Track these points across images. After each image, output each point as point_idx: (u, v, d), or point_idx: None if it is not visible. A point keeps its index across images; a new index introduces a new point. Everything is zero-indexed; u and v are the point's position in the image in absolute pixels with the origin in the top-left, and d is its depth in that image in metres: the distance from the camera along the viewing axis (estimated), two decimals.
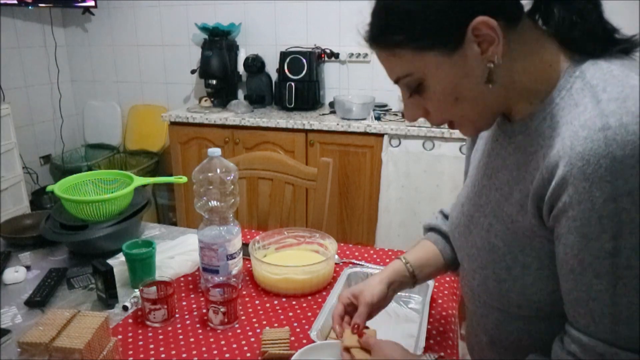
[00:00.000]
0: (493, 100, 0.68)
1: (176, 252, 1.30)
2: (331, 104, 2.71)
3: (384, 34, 0.67)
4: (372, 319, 0.92)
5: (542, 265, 0.68)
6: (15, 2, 2.87)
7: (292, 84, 2.69)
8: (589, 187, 0.56)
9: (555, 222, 0.62)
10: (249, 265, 1.25)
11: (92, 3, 3.14)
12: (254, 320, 1.07)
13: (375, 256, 1.35)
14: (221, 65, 2.80)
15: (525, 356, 0.73)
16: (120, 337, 1.01)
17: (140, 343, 1.00)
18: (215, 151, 1.14)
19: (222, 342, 1.00)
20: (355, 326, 0.85)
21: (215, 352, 0.97)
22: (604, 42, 0.65)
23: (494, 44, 0.63)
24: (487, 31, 0.62)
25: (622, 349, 0.58)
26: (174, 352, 0.97)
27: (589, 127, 0.57)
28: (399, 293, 1.11)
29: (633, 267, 0.56)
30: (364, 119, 2.49)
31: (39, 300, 1.12)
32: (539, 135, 0.67)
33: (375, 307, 0.90)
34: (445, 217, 1.02)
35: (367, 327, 0.88)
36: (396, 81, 0.71)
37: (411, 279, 0.95)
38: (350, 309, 0.90)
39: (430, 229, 1.03)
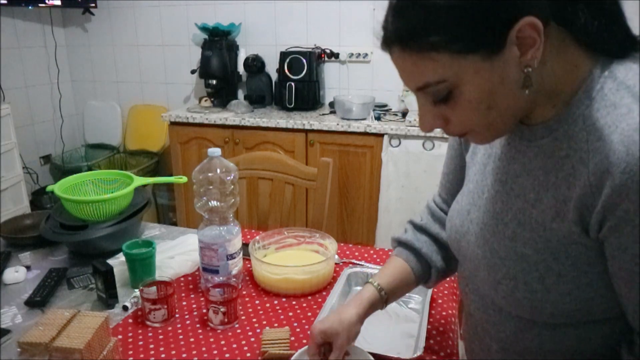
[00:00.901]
0: (522, 105, 0.64)
1: (176, 252, 1.30)
2: (331, 104, 2.71)
3: (418, 35, 0.59)
4: (372, 319, 0.92)
5: (578, 272, 0.65)
6: (5, 2, 2.86)
7: (292, 84, 2.69)
8: None
9: (615, 231, 0.59)
10: (249, 265, 1.25)
11: (92, 3, 3.14)
12: (254, 320, 1.07)
13: (375, 256, 1.35)
14: (221, 65, 2.80)
15: None
16: (120, 337, 1.01)
17: (140, 343, 1.00)
18: (215, 151, 1.14)
19: (222, 342, 1.00)
20: None
21: (215, 352, 0.97)
22: (629, 44, 0.63)
23: (534, 47, 0.58)
24: (530, 33, 0.57)
25: None
26: (174, 352, 0.97)
27: None
28: None
29: None
30: (364, 119, 2.49)
31: (39, 300, 1.12)
32: (570, 138, 0.64)
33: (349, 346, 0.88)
34: (417, 228, 0.98)
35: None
36: (422, 88, 0.63)
37: (383, 304, 0.92)
38: (321, 345, 0.86)
39: (399, 243, 0.98)
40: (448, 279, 1.22)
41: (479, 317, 0.83)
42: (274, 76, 2.88)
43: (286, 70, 2.71)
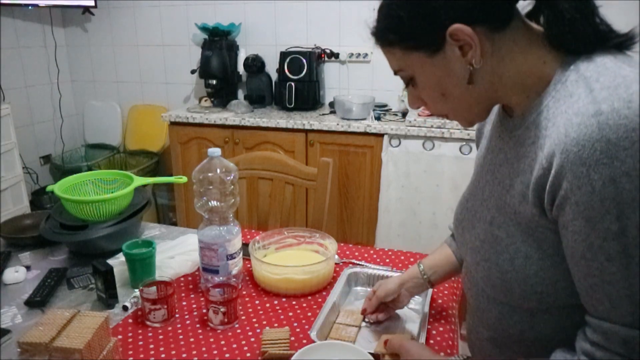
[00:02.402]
0: (479, 96, 0.73)
1: (176, 252, 1.30)
2: (331, 104, 2.71)
3: (382, 32, 0.74)
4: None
5: (544, 255, 0.69)
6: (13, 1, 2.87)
7: (292, 84, 2.69)
8: (586, 172, 0.58)
9: (560, 210, 0.63)
10: (249, 265, 1.25)
11: (92, 3, 3.14)
12: (254, 320, 1.07)
13: (375, 256, 1.35)
14: (221, 65, 2.80)
15: (527, 350, 0.74)
16: (120, 337, 1.01)
17: (140, 343, 1.00)
18: (215, 151, 1.14)
19: (222, 342, 1.00)
20: (363, 310, 1.05)
21: (215, 352, 0.97)
22: (596, 42, 0.67)
23: (472, 49, 0.67)
24: (464, 37, 0.66)
25: None
26: (174, 352, 0.97)
27: (582, 113, 0.60)
28: None
29: None
30: (364, 119, 2.49)
31: (39, 300, 1.12)
32: (536, 127, 0.69)
33: (390, 303, 1.05)
34: None
35: (380, 322, 1.06)
36: (395, 73, 0.78)
37: (425, 281, 1.04)
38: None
39: (452, 235, 1.08)
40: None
41: (473, 305, 0.87)
42: (274, 76, 2.88)
43: (286, 70, 2.70)
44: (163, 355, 0.96)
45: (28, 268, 1.27)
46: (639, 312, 0.58)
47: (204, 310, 1.09)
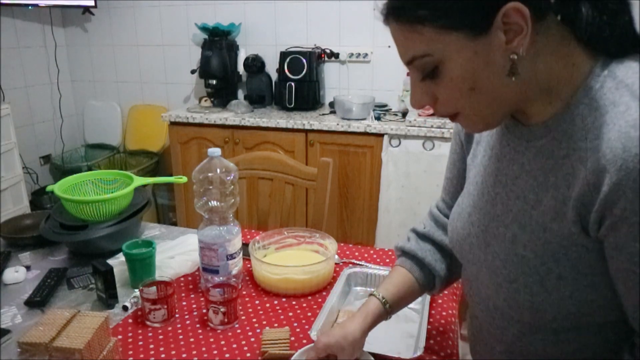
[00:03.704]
0: (509, 95, 0.64)
1: (176, 252, 1.30)
2: (331, 104, 2.71)
3: (408, 7, 0.61)
4: None
5: (579, 275, 0.64)
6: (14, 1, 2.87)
7: (292, 84, 2.69)
8: None
9: (612, 231, 0.59)
10: (249, 265, 1.25)
11: (92, 3, 3.14)
12: (254, 320, 1.07)
13: (375, 256, 1.35)
14: (221, 65, 2.80)
15: None
16: (120, 337, 1.01)
17: (140, 343, 1.00)
18: (215, 151, 1.14)
19: (222, 342, 1.00)
20: None
21: (215, 352, 0.97)
22: (632, 44, 0.63)
23: (521, 35, 0.59)
24: (517, 19, 0.58)
25: None
26: (174, 352, 0.97)
27: None
28: None
29: None
30: (364, 119, 2.49)
31: (39, 300, 1.12)
32: (569, 138, 0.63)
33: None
34: (419, 236, 0.98)
35: None
36: (410, 61, 0.65)
37: (387, 316, 0.91)
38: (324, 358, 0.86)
39: (403, 252, 0.98)
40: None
41: (483, 320, 0.82)
42: (274, 76, 2.88)
43: (286, 70, 2.70)
44: (163, 355, 0.96)
45: (28, 268, 1.27)
46: None
47: (204, 310, 1.09)
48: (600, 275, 0.64)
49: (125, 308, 1.10)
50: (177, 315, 1.09)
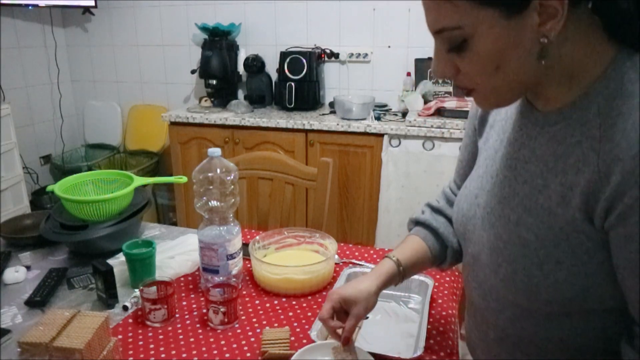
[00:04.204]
0: (532, 77, 0.65)
1: (176, 252, 1.30)
2: (331, 104, 2.71)
3: None
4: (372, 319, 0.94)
5: (578, 261, 0.65)
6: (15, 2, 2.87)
7: (292, 84, 2.69)
8: None
9: (621, 220, 0.59)
10: (249, 265, 1.25)
11: (92, 3, 3.14)
12: (254, 320, 1.07)
13: (375, 256, 1.35)
14: (221, 65, 2.80)
15: (536, 352, 0.71)
16: (120, 337, 1.01)
17: (140, 343, 1.00)
18: (215, 151, 1.14)
19: (222, 342, 1.00)
20: (345, 339, 0.85)
21: (215, 352, 0.97)
22: None
23: (555, 19, 0.59)
24: (553, 2, 0.58)
25: None
26: (174, 352, 0.97)
27: None
28: (399, 293, 1.12)
29: None
30: (364, 119, 2.49)
31: (39, 300, 1.12)
32: (583, 125, 0.64)
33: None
34: (434, 210, 1.01)
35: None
36: (439, 31, 0.64)
37: (400, 279, 0.94)
38: (337, 310, 0.88)
39: (417, 223, 1.00)
40: (449, 279, 1.23)
41: (479, 305, 0.84)
42: (274, 76, 2.88)
43: (286, 70, 2.71)
44: (163, 355, 0.96)
45: (28, 268, 1.27)
46: None
47: (204, 310, 1.09)
48: (597, 264, 0.65)
49: (125, 308, 1.10)
50: (177, 315, 1.09)
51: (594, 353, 0.70)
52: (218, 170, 1.12)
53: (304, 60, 2.68)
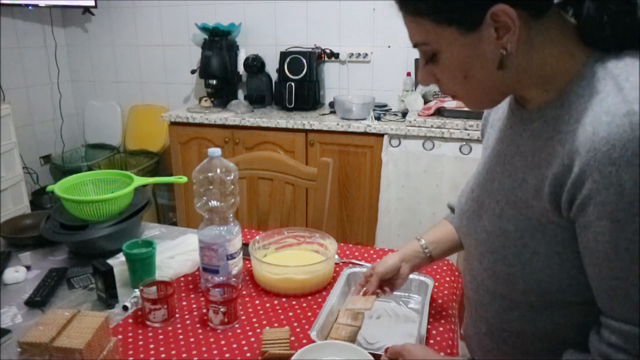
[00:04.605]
0: (502, 83, 0.70)
1: (176, 252, 1.30)
2: (331, 104, 2.71)
3: (411, 0, 0.68)
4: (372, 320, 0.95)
5: (552, 252, 0.68)
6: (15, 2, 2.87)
7: (292, 84, 2.69)
8: (616, 172, 0.57)
9: (581, 210, 0.62)
10: (249, 265, 1.25)
11: (92, 3, 3.14)
12: (254, 320, 1.07)
13: (375, 256, 1.35)
14: (221, 65, 2.80)
15: (523, 345, 0.74)
16: (120, 337, 1.01)
17: (140, 343, 1.00)
18: (215, 151, 1.14)
19: (222, 342, 1.00)
20: (364, 292, 1.03)
21: (215, 352, 0.97)
22: (630, 40, 0.65)
23: (509, 32, 0.64)
24: (505, 19, 0.63)
25: None
26: (174, 352, 0.97)
27: (613, 112, 0.58)
28: (399, 293, 1.12)
29: None
30: (364, 119, 2.49)
31: (39, 300, 1.12)
32: (555, 122, 0.67)
33: (390, 280, 1.04)
34: None
35: (381, 293, 1.05)
36: (415, 46, 0.72)
37: (426, 256, 1.04)
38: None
39: (451, 208, 1.08)
40: (449, 279, 1.23)
41: (472, 298, 0.87)
42: (274, 76, 2.88)
43: (286, 70, 2.70)
44: (163, 355, 0.96)
45: (28, 268, 1.27)
46: None
47: (204, 310, 1.09)
48: (571, 254, 0.67)
49: (125, 308, 1.10)
50: (177, 315, 1.09)
51: (579, 347, 0.71)
52: (218, 170, 1.12)
53: (304, 60, 2.67)
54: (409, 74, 2.70)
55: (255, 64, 2.84)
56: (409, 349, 0.85)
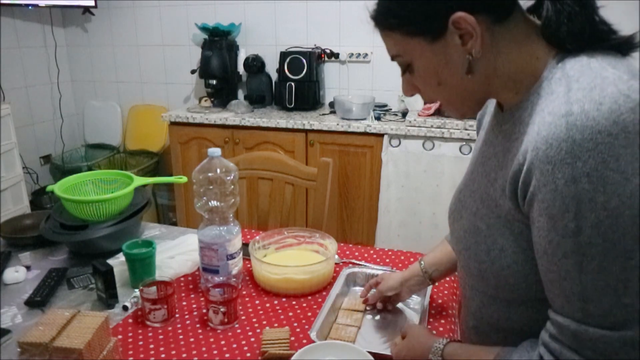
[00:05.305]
0: (474, 88, 0.73)
1: (176, 252, 1.30)
2: (331, 104, 2.71)
3: (382, 15, 0.74)
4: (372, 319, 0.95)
5: (519, 248, 0.71)
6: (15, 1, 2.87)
7: (292, 84, 2.69)
8: (551, 170, 0.59)
9: (529, 207, 0.65)
10: (249, 265, 1.25)
11: (92, 3, 3.14)
12: (254, 320, 1.07)
13: (375, 256, 1.35)
14: (221, 65, 2.80)
15: (505, 340, 0.76)
16: (120, 337, 1.01)
17: (140, 343, 1.00)
18: (215, 151, 1.14)
19: (222, 342, 1.00)
20: (365, 300, 1.11)
21: (215, 352, 0.97)
22: (591, 41, 0.67)
23: (472, 38, 0.67)
24: (465, 25, 0.66)
25: (593, 326, 0.60)
26: (174, 352, 0.97)
27: (555, 113, 0.61)
28: None
29: (595, 245, 0.58)
30: (364, 119, 2.49)
31: (39, 300, 1.12)
32: (520, 123, 0.70)
33: (389, 297, 1.10)
34: None
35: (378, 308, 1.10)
36: (392, 58, 0.77)
37: (426, 277, 1.06)
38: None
39: None
40: (449, 279, 1.23)
41: (462, 294, 0.90)
42: (274, 76, 2.88)
43: (286, 70, 2.71)
44: (163, 355, 0.96)
45: (28, 268, 1.27)
46: (588, 308, 0.60)
47: (204, 310, 1.09)
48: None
49: (125, 308, 1.10)
50: (177, 315, 1.09)
51: None
52: (218, 170, 1.12)
53: (304, 60, 2.67)
54: None
55: (255, 64, 2.84)
56: (410, 326, 0.93)
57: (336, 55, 2.84)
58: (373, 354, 0.89)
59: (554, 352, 0.64)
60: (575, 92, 0.61)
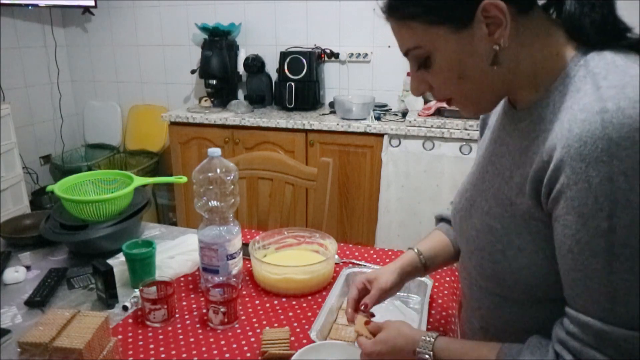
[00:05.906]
0: (496, 82, 0.71)
1: (176, 252, 1.30)
2: (331, 104, 2.71)
3: (399, 4, 0.70)
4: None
5: (537, 248, 0.70)
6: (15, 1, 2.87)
7: (292, 84, 2.69)
8: (585, 168, 0.58)
9: (554, 204, 0.64)
10: (249, 265, 1.25)
11: (92, 3, 3.14)
12: (254, 320, 1.07)
13: (375, 256, 1.35)
14: (221, 65, 2.80)
15: (516, 342, 0.74)
16: (120, 337, 1.01)
17: (140, 343, 1.00)
18: (215, 151, 1.14)
19: (222, 342, 1.00)
20: (364, 305, 0.93)
21: (215, 352, 0.97)
22: (612, 36, 0.66)
23: (501, 27, 0.65)
24: (495, 13, 0.64)
25: (619, 326, 0.60)
26: (174, 352, 0.97)
27: (587, 110, 0.60)
28: (399, 292, 1.12)
29: (629, 246, 0.57)
30: (364, 119, 2.49)
31: (39, 300, 1.12)
32: (541, 121, 0.69)
33: (387, 293, 0.97)
34: None
35: (373, 315, 0.95)
36: (406, 53, 0.73)
37: (422, 268, 1.00)
38: (363, 294, 0.96)
39: (441, 219, 1.08)
40: (449, 279, 1.23)
41: (467, 295, 0.88)
42: (274, 76, 2.88)
43: (286, 70, 2.71)
44: (163, 355, 0.96)
45: (28, 268, 1.27)
46: (615, 309, 0.60)
47: (204, 310, 1.09)
48: (554, 250, 0.67)
49: (125, 308, 1.10)
50: (177, 315, 1.09)
51: None
52: (218, 170, 1.12)
53: (304, 60, 2.68)
54: (409, 74, 2.69)
55: (255, 64, 2.84)
56: (389, 322, 0.87)
57: (336, 55, 2.84)
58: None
59: (572, 350, 0.63)
60: (606, 89, 0.60)
